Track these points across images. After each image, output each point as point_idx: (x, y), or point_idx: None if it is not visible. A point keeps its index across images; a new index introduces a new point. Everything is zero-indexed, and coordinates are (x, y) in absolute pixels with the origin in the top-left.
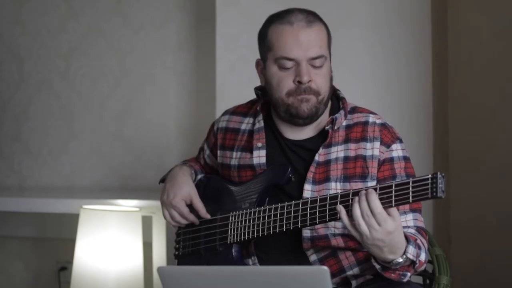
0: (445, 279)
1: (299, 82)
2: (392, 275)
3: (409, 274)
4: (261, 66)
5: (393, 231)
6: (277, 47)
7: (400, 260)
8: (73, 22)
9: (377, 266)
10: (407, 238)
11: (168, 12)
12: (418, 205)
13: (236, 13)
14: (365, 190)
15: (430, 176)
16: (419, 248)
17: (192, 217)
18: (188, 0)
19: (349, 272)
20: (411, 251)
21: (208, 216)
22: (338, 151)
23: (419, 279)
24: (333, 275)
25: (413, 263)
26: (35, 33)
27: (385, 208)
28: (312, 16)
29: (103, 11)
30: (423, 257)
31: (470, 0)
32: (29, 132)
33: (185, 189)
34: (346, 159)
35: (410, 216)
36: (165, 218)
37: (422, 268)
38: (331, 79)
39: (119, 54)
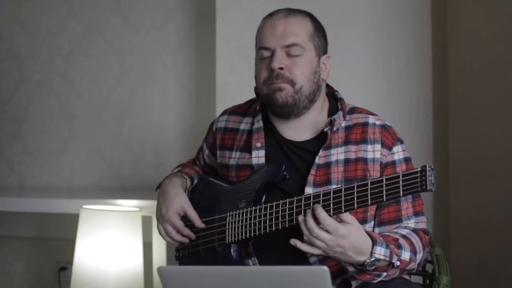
0: (445, 279)
1: (272, 70)
2: (367, 276)
3: (385, 274)
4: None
5: (347, 234)
6: (258, 39)
7: (371, 259)
8: (73, 22)
9: (351, 269)
10: (373, 239)
11: (168, 12)
12: (420, 206)
13: (236, 13)
14: (311, 208)
15: (419, 169)
16: (400, 247)
17: (187, 231)
18: (188, 0)
19: (350, 273)
20: (379, 251)
21: (202, 225)
22: (338, 153)
23: (419, 279)
24: (333, 276)
25: (391, 263)
26: (35, 33)
27: (336, 215)
28: (297, 11)
29: (103, 11)
30: (407, 256)
31: (470, 0)
32: (29, 132)
33: (177, 201)
34: (346, 161)
35: (412, 220)
36: (160, 233)
37: (412, 266)
38: (315, 73)
39: (119, 54)
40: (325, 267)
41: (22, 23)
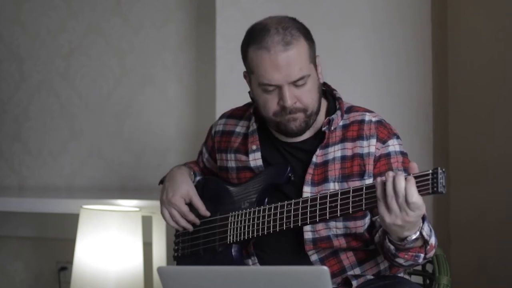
0: (445, 279)
1: (284, 106)
2: (406, 256)
3: (422, 255)
4: (248, 79)
5: (422, 213)
6: (258, 73)
7: (414, 236)
8: (73, 22)
9: (391, 247)
10: (423, 216)
11: (168, 12)
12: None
13: (236, 13)
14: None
15: (430, 171)
16: (430, 230)
17: (192, 216)
18: (188, 0)
19: (350, 272)
20: (426, 230)
21: (208, 214)
22: (335, 151)
23: (419, 279)
24: (334, 275)
25: (425, 244)
26: (35, 33)
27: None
28: (289, 34)
29: (103, 11)
30: (433, 240)
31: (470, 0)
32: (29, 132)
33: (184, 187)
34: (343, 158)
35: None
36: (164, 218)
37: (431, 254)
38: (319, 87)
39: (119, 54)
40: (325, 267)
41: (22, 23)
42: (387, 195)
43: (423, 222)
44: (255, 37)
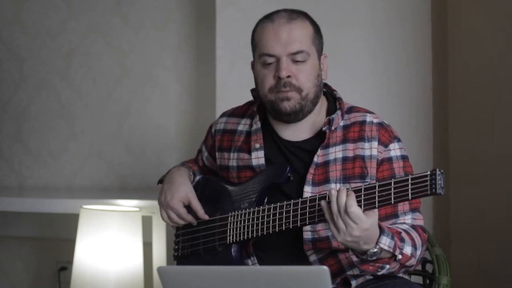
0: (445, 279)
1: (279, 78)
2: (370, 267)
3: (387, 266)
4: (253, 65)
5: (368, 228)
6: (260, 44)
7: (374, 250)
8: (73, 22)
9: (355, 259)
10: (381, 229)
11: (168, 12)
12: (417, 204)
13: (236, 13)
14: (347, 190)
15: (429, 173)
16: (402, 240)
17: (190, 218)
18: (188, 0)
19: (349, 272)
20: (385, 242)
21: (206, 217)
22: (336, 152)
23: (419, 279)
24: (333, 275)
25: (394, 255)
26: (35, 33)
27: (371, 209)
28: (296, 14)
29: (103, 11)
30: (408, 250)
31: (470, 0)
32: (29, 132)
33: (183, 190)
34: (344, 159)
35: (409, 215)
36: (163, 219)
37: (412, 262)
38: (318, 76)
39: (119, 54)
40: (325, 267)
41: (22, 23)
42: (333, 214)
43: (380, 235)
44: (264, 17)
